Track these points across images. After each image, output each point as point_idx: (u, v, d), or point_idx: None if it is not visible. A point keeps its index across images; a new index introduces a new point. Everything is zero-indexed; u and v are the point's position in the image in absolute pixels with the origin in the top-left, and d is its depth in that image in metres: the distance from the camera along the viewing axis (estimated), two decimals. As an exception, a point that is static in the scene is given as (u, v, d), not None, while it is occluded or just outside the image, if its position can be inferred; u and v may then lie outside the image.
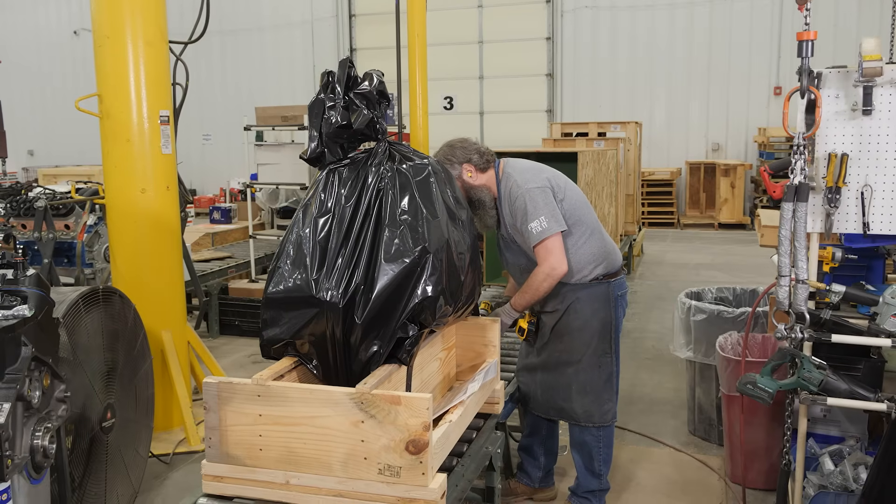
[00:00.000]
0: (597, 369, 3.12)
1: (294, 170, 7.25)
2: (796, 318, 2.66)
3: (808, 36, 2.58)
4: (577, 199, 3.10)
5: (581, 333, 3.10)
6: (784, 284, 2.64)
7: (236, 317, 6.65)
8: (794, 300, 2.65)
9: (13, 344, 2.08)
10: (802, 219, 2.61)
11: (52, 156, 17.08)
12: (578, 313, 3.09)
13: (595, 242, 3.09)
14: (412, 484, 1.98)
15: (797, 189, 2.60)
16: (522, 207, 2.96)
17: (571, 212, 3.03)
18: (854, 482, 2.86)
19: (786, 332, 2.67)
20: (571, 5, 14.23)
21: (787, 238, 2.62)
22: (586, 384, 3.12)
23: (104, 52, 4.07)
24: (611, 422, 3.20)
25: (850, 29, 12.26)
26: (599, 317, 3.10)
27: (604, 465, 3.22)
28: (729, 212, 12.94)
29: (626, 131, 8.88)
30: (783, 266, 2.63)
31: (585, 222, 3.08)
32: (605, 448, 3.21)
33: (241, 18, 15.91)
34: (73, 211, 5.72)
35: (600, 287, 3.10)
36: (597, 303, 3.09)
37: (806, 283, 2.64)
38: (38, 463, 2.16)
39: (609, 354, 3.14)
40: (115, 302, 3.23)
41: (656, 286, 8.36)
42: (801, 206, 2.61)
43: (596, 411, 3.15)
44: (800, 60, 2.62)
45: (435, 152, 3.16)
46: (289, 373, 2.25)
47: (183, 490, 3.65)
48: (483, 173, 3.09)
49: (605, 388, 3.15)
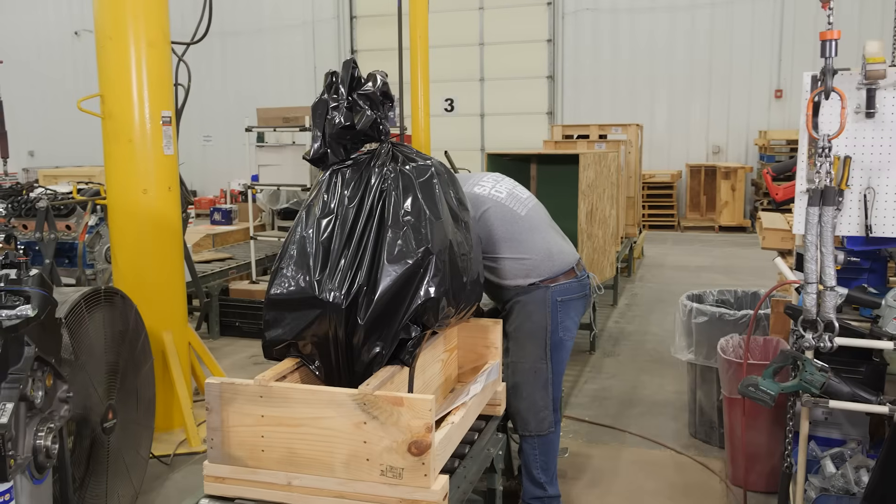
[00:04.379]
0: (532, 374, 3.06)
1: (295, 171, 7.25)
2: (825, 327, 2.59)
3: (832, 35, 2.56)
4: (499, 216, 3.04)
5: (517, 336, 3.07)
6: (811, 292, 2.56)
7: (237, 318, 6.65)
8: (823, 308, 2.57)
9: (16, 344, 2.08)
10: (829, 223, 2.55)
11: (53, 156, 17.08)
12: (515, 315, 3.07)
13: (525, 253, 3.04)
14: (414, 485, 1.97)
15: (823, 193, 2.55)
16: None
17: (490, 231, 3.00)
18: (856, 485, 2.86)
19: (814, 342, 2.60)
20: (572, 7, 14.24)
21: (814, 244, 2.54)
22: (521, 388, 3.07)
23: (106, 52, 4.08)
24: (547, 431, 3.12)
25: (853, 31, 12.27)
26: (534, 321, 3.05)
27: (543, 473, 3.15)
28: (729, 215, 12.94)
29: (627, 134, 8.87)
30: (810, 273, 2.55)
31: (512, 236, 3.03)
32: (541, 456, 3.14)
33: (242, 20, 15.92)
34: (74, 211, 5.72)
35: (538, 291, 3.05)
36: (531, 306, 3.05)
37: (835, 290, 2.57)
38: (40, 463, 2.16)
39: (544, 361, 3.07)
40: (116, 302, 3.23)
41: (657, 289, 8.36)
42: (828, 210, 2.55)
43: (531, 419, 3.08)
44: (819, 61, 2.61)
45: None
46: (291, 374, 2.25)
47: (183, 491, 3.64)
48: None
49: (541, 395, 3.09)
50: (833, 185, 2.60)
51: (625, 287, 8.34)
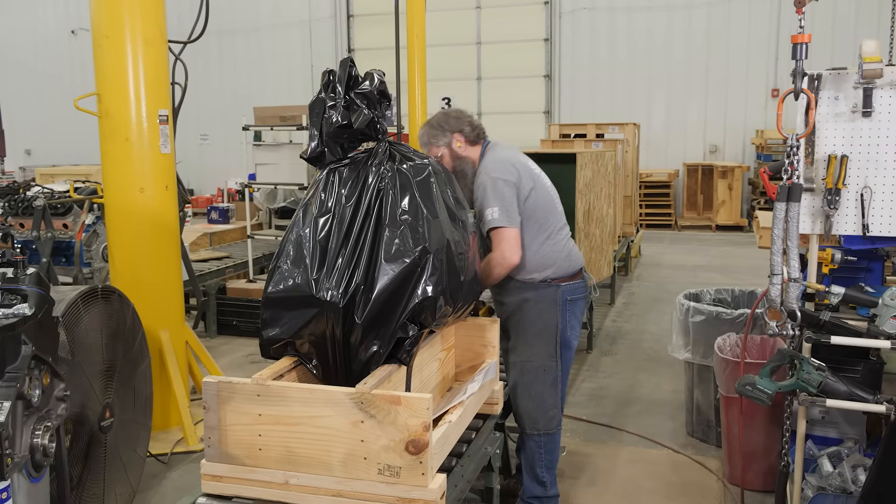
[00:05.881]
0: (541, 373, 3.07)
1: (292, 170, 7.26)
2: (788, 316, 2.67)
3: (803, 39, 2.61)
4: (543, 202, 3.07)
5: (526, 334, 3.07)
6: (776, 283, 2.66)
7: (234, 317, 6.65)
8: (786, 298, 2.67)
9: (13, 342, 2.07)
10: (795, 219, 2.62)
11: (50, 155, 17.04)
12: (524, 314, 3.06)
13: (552, 247, 3.06)
14: (412, 484, 1.97)
15: (790, 189, 2.61)
16: (483, 192, 2.96)
17: (533, 213, 3.01)
18: (853, 484, 2.86)
19: (777, 329, 2.68)
20: (569, 7, 14.25)
21: (780, 237, 2.63)
22: (530, 387, 3.08)
23: (103, 51, 4.07)
24: (555, 429, 3.14)
25: (849, 31, 12.29)
26: (544, 319, 3.06)
27: (547, 472, 3.16)
28: (726, 214, 12.96)
29: (624, 133, 8.88)
30: (775, 264, 2.64)
31: (546, 226, 3.05)
32: (547, 455, 3.15)
33: (239, 18, 15.90)
34: (71, 210, 5.72)
35: (548, 290, 3.06)
36: (542, 304, 3.05)
37: (798, 281, 2.66)
38: (37, 462, 2.15)
39: (554, 359, 3.08)
40: (113, 301, 3.23)
41: (654, 288, 8.37)
42: (794, 206, 2.61)
43: (540, 417, 3.10)
44: (794, 63, 2.63)
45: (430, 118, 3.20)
46: (288, 372, 2.24)
47: (180, 490, 3.64)
48: (471, 146, 3.13)
49: (550, 393, 3.10)
50: (800, 182, 2.68)
51: (622, 286, 8.34)
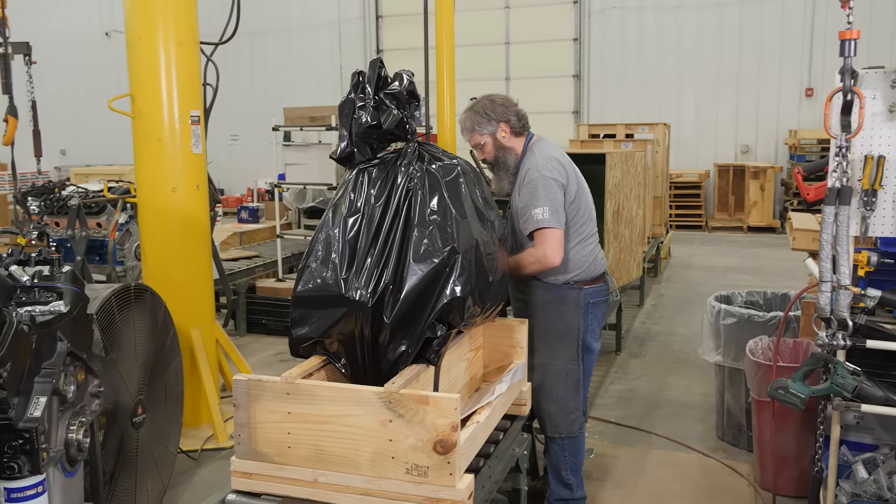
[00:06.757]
0: (563, 376, 3.05)
1: (321, 170, 7.29)
2: (838, 325, 2.58)
3: (851, 35, 2.53)
4: (584, 208, 3.06)
5: (547, 337, 3.05)
6: (826, 290, 2.56)
7: (263, 315, 6.70)
8: (837, 306, 2.57)
9: (49, 339, 2.11)
10: (845, 223, 2.54)
11: (84, 155, 17.37)
12: (546, 316, 3.04)
13: (581, 251, 3.04)
14: (439, 484, 1.97)
15: (839, 192, 2.54)
16: (532, 190, 2.92)
17: (574, 217, 3.00)
18: (889, 491, 2.80)
19: (827, 340, 2.59)
20: (599, 6, 14.15)
21: (829, 242, 2.54)
22: (552, 391, 3.06)
23: (136, 53, 4.13)
24: (577, 432, 3.12)
25: (886, 30, 12.03)
26: (566, 322, 3.04)
27: (572, 474, 3.15)
28: (758, 215, 12.77)
29: (653, 133, 8.79)
30: (825, 271, 2.55)
31: (581, 231, 3.04)
32: (571, 457, 3.14)
33: (269, 20, 16.04)
34: (105, 209, 5.82)
35: (571, 292, 3.03)
36: (565, 307, 3.03)
37: (849, 288, 2.56)
38: (72, 456, 2.19)
39: (576, 362, 3.06)
40: (146, 299, 3.27)
41: (683, 289, 8.28)
42: (844, 209, 2.54)
43: (562, 421, 3.08)
44: (841, 60, 2.57)
45: (475, 101, 3.16)
46: (317, 371, 2.26)
47: (210, 486, 3.69)
48: (515, 137, 3.10)
49: (572, 396, 3.08)
50: (849, 185, 2.58)
51: (651, 287, 8.27)
